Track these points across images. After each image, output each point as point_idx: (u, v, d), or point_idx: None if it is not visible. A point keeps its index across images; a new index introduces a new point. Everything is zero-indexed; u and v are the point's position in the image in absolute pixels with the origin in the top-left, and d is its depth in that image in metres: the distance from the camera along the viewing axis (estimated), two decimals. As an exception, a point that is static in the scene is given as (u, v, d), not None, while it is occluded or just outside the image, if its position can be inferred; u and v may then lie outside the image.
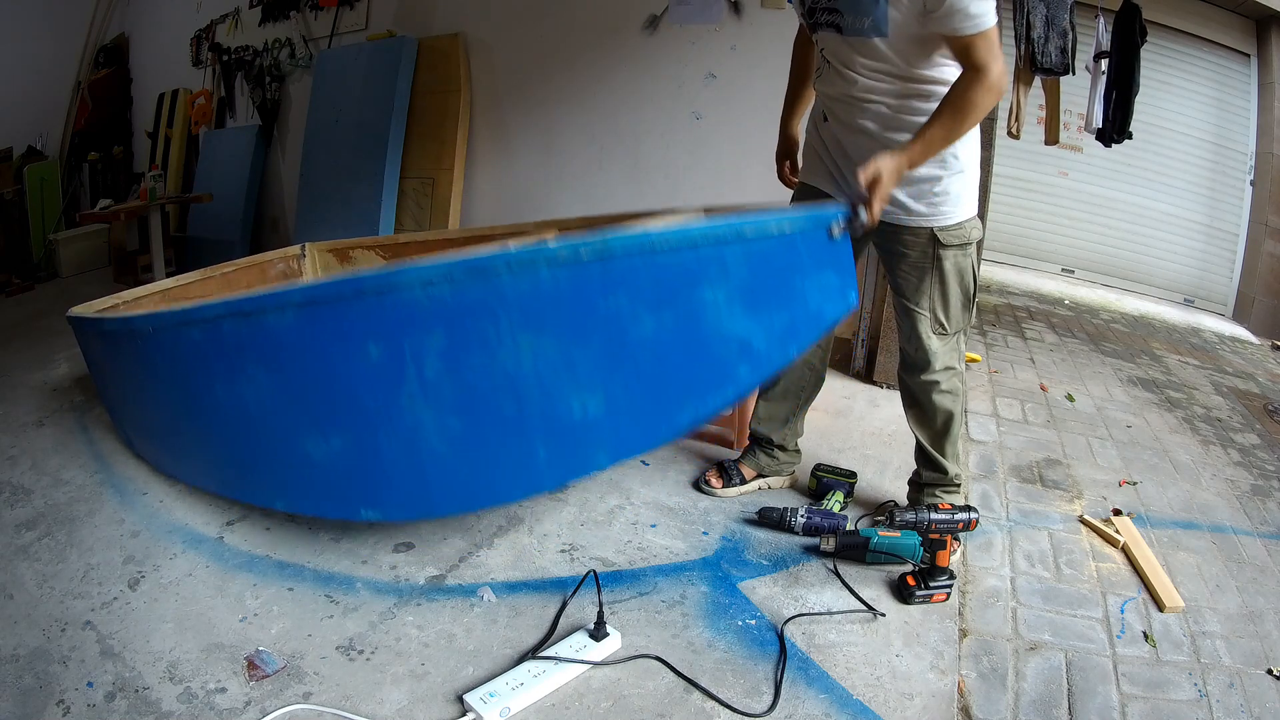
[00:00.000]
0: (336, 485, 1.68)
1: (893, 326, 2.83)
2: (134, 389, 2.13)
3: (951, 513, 1.70)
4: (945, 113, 1.50)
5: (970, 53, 1.45)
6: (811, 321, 1.47)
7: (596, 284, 1.41)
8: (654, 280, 1.41)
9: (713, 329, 1.44)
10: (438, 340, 1.47)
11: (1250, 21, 5.64)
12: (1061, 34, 3.37)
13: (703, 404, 1.50)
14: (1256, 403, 3.47)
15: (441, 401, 1.52)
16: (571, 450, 1.53)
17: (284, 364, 1.63)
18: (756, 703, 1.40)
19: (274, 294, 1.60)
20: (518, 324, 1.44)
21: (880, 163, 1.48)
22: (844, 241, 1.45)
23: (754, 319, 1.44)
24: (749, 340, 1.45)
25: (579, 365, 1.46)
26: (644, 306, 1.42)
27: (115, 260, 4.86)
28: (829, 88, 1.71)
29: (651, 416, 1.50)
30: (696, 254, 1.40)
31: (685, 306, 1.43)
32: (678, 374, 1.47)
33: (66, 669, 1.42)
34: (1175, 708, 1.51)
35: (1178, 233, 5.98)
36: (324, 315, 1.54)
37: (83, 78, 5.87)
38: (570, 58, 3.50)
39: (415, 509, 1.70)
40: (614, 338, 1.44)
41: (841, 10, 1.55)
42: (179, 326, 1.75)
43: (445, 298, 1.44)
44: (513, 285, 1.41)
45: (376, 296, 1.48)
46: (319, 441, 1.63)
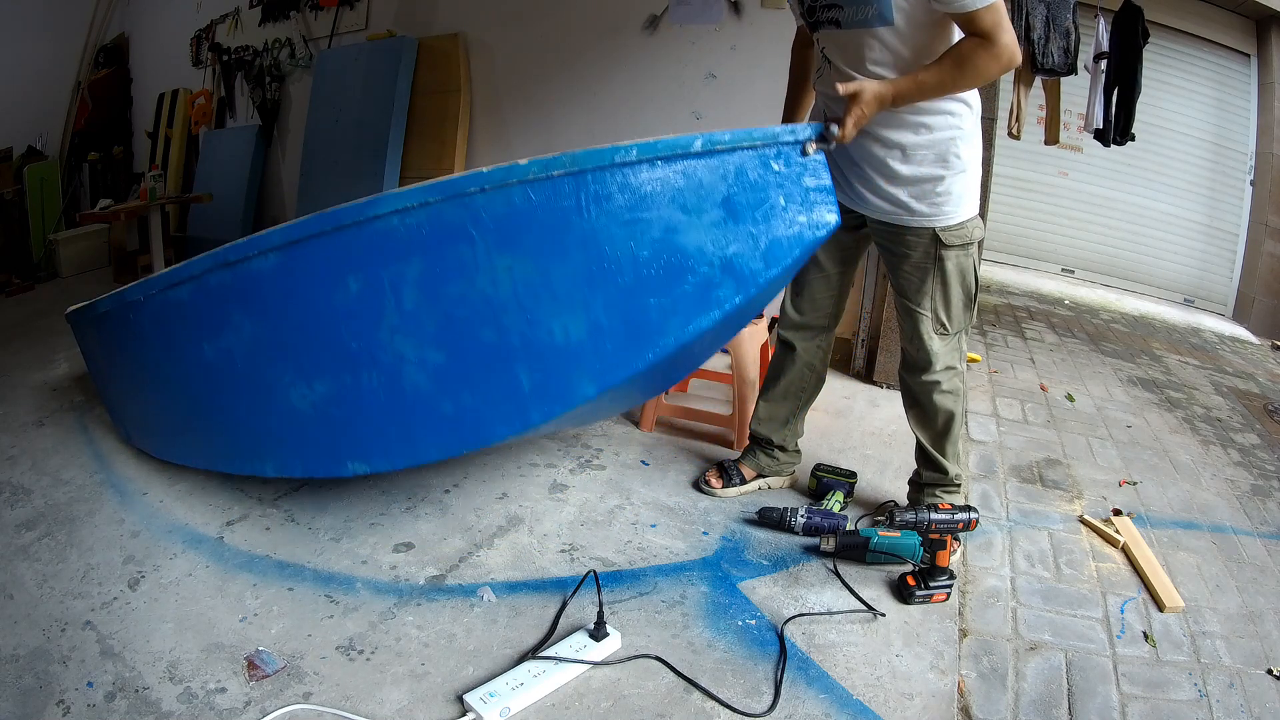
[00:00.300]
0: (322, 438, 1.69)
1: (893, 326, 2.84)
2: (129, 368, 2.14)
3: (951, 513, 1.70)
4: (946, 63, 1.48)
5: (977, 23, 1.44)
6: (793, 240, 1.46)
7: (570, 201, 1.42)
8: (628, 195, 1.42)
9: (691, 245, 1.43)
10: (415, 268, 1.48)
11: (1250, 21, 5.65)
12: (1064, 34, 3.37)
13: (687, 324, 1.47)
14: (1256, 403, 3.48)
15: (422, 333, 1.52)
16: (556, 376, 1.51)
17: (267, 308, 1.65)
18: (756, 703, 1.40)
19: (256, 238, 1.61)
20: (494, 246, 1.44)
21: (864, 82, 1.48)
22: (820, 159, 1.46)
23: (733, 234, 1.44)
24: (730, 258, 1.44)
25: (557, 286, 1.45)
26: (618, 223, 1.42)
27: (115, 260, 4.86)
28: (829, 88, 1.71)
29: (635, 338, 1.48)
30: (670, 167, 1.40)
31: (661, 222, 1.43)
32: (658, 293, 1.45)
33: (66, 669, 1.42)
34: (1175, 708, 1.51)
35: (1178, 233, 5.99)
36: (304, 253, 1.55)
37: (83, 78, 5.88)
38: (570, 58, 3.50)
39: (401, 456, 1.68)
40: (591, 256, 1.44)
41: (841, 3, 1.54)
42: (168, 288, 1.78)
43: (421, 224, 1.45)
44: (487, 206, 1.43)
45: (355, 228, 1.49)
46: (304, 389, 1.64)
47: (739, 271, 1.45)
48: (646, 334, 1.47)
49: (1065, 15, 3.34)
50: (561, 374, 1.50)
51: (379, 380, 1.57)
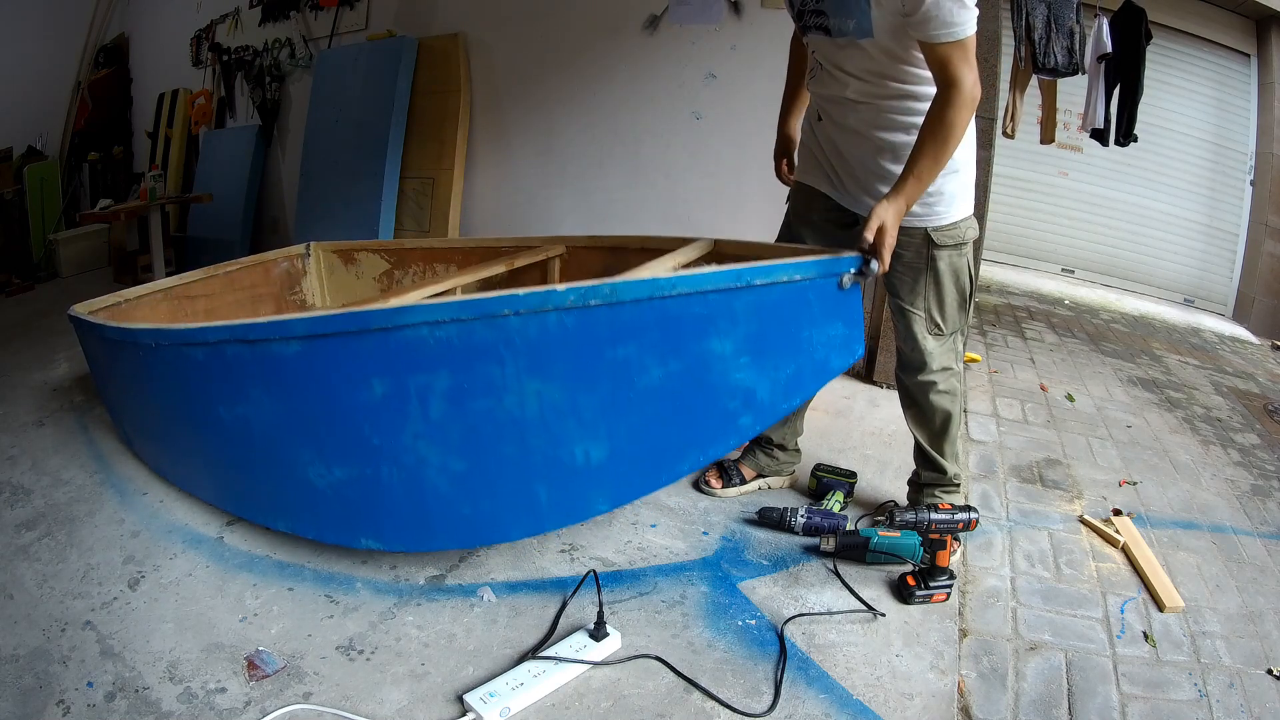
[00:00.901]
0: (338, 514, 1.69)
1: (892, 326, 2.83)
2: (135, 397, 2.12)
3: (951, 513, 1.70)
4: (927, 141, 1.48)
5: (945, 65, 1.43)
6: (817, 372, 1.47)
7: (604, 331, 1.40)
8: (662, 328, 1.40)
9: (718, 379, 1.44)
10: (442, 381, 1.47)
11: (1250, 21, 5.64)
12: (1068, 34, 3.36)
13: (703, 453, 1.51)
14: (1256, 403, 3.47)
15: (446, 441, 1.52)
16: (573, 495, 1.55)
17: (288, 393, 1.63)
18: (756, 703, 1.40)
19: (278, 324, 1.58)
20: (524, 369, 1.43)
21: (881, 212, 1.48)
22: (854, 291, 1.45)
23: (760, 369, 1.44)
24: (753, 390, 1.45)
25: (584, 412, 1.46)
26: (651, 355, 1.42)
27: (115, 260, 4.86)
28: (822, 89, 1.71)
29: (653, 465, 1.52)
30: (706, 302, 1.39)
31: (692, 355, 1.42)
32: (681, 423, 1.48)
33: (66, 669, 1.42)
34: (1175, 708, 1.51)
35: (1178, 233, 5.98)
36: (328, 349, 1.53)
37: (83, 78, 5.87)
38: (570, 58, 3.50)
39: (415, 542, 1.71)
40: (620, 385, 1.44)
41: (828, 12, 1.55)
42: (183, 345, 1.75)
43: (452, 339, 1.43)
44: (520, 330, 1.41)
45: (383, 334, 1.47)
46: (321, 470, 1.63)
47: (760, 403, 1.46)
48: (666, 462, 1.51)
49: (1069, 15, 3.34)
50: (579, 492, 1.54)
51: (399, 477, 1.58)
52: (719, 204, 3.21)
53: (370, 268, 2.84)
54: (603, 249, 2.33)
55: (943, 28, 1.40)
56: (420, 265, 2.72)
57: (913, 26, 1.44)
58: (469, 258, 2.60)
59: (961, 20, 1.40)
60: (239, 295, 2.69)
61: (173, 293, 2.51)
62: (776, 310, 1.42)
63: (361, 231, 3.87)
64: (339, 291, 2.91)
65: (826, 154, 1.77)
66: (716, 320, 1.40)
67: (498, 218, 3.85)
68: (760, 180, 2.02)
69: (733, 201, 3.15)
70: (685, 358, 1.43)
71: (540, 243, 2.45)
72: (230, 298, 2.66)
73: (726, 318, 1.40)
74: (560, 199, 3.65)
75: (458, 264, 2.63)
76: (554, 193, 3.67)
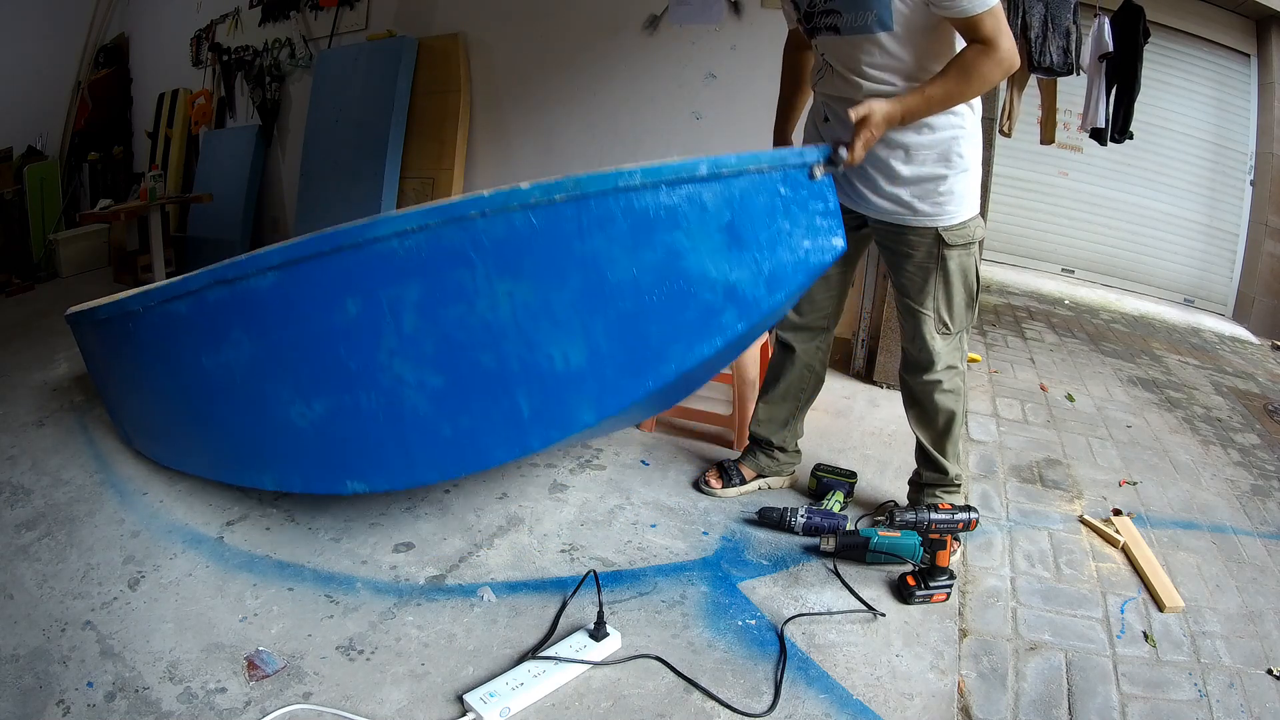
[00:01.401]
0: (321, 456, 1.68)
1: (893, 326, 2.83)
2: (128, 375, 2.13)
3: (951, 513, 1.70)
4: (951, 74, 1.49)
5: (978, 29, 1.44)
6: (798, 265, 1.44)
7: (572, 225, 1.39)
8: (631, 220, 1.39)
9: (695, 271, 1.41)
10: (414, 291, 1.47)
11: (1250, 21, 5.65)
12: (1064, 34, 3.36)
13: (689, 352, 1.46)
14: (1256, 403, 3.47)
15: (421, 356, 1.51)
16: (555, 403, 1.50)
17: (266, 327, 1.63)
18: (756, 703, 1.40)
19: (254, 256, 1.60)
20: (494, 270, 1.43)
21: (873, 103, 1.48)
22: (826, 183, 1.44)
23: (737, 261, 1.41)
24: (733, 284, 1.42)
25: (557, 312, 1.44)
26: (621, 248, 1.40)
27: (115, 260, 4.86)
28: (830, 90, 1.70)
29: (635, 365, 1.47)
30: (674, 192, 1.38)
31: (664, 247, 1.40)
32: (660, 319, 1.44)
33: (66, 669, 1.42)
34: (1175, 708, 1.51)
35: (1178, 233, 5.99)
36: (303, 273, 1.54)
37: (83, 78, 5.87)
38: (570, 58, 3.50)
39: (400, 477, 1.68)
40: (592, 282, 1.42)
41: (840, 10, 1.54)
42: (167, 301, 1.77)
43: (421, 247, 1.44)
44: (487, 230, 1.41)
45: (354, 250, 1.48)
46: (302, 407, 1.63)
47: (742, 298, 1.43)
48: (648, 361, 1.46)
49: (1065, 15, 3.34)
50: (561, 400, 1.50)
51: (378, 402, 1.57)
52: (719, 204, 3.20)
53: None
54: None
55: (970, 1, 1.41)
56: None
57: (940, 7, 1.44)
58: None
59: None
60: (239, 295, 2.69)
61: (172, 292, 2.51)
62: (747, 200, 1.40)
63: (361, 231, 3.87)
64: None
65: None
66: (686, 210, 1.39)
67: (498, 218, 3.85)
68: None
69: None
70: (656, 250, 1.40)
71: None
72: (230, 297, 2.66)
73: (696, 208, 1.39)
74: (560, 199, 3.64)
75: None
76: (554, 193, 3.66)
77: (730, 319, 1.44)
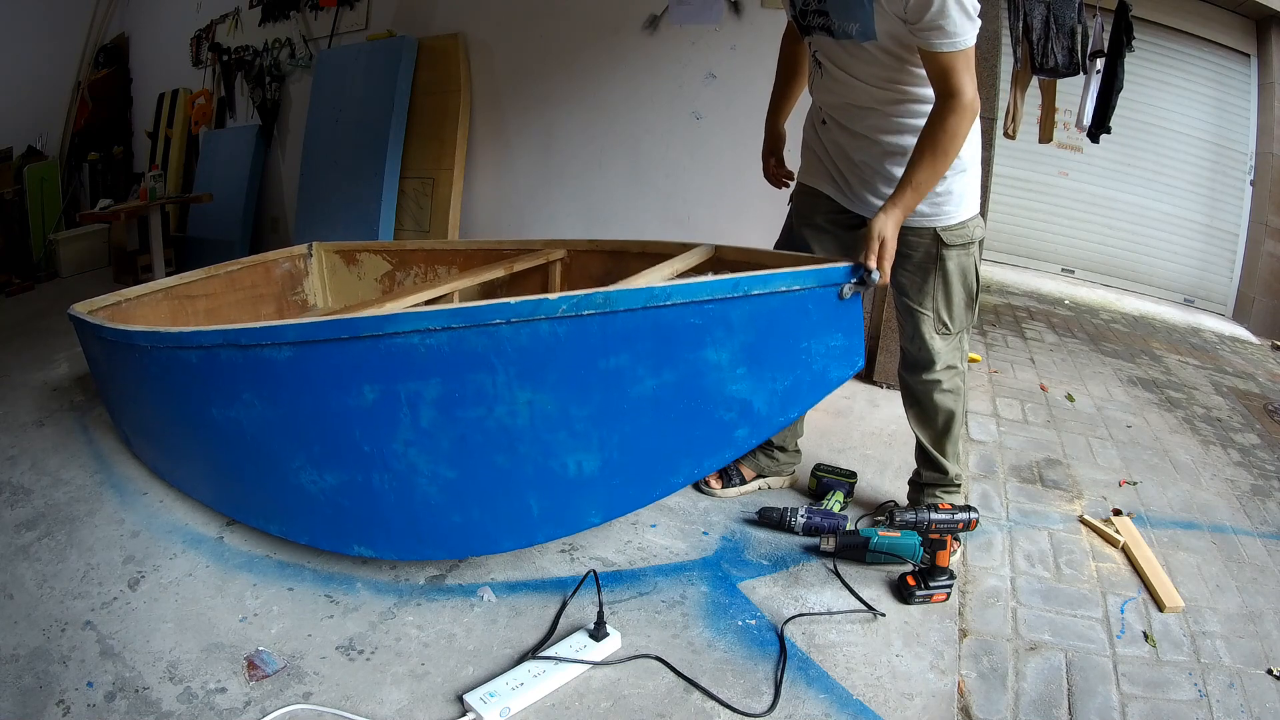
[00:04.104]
0: (330, 520, 1.69)
1: (893, 326, 2.83)
2: (133, 397, 2.12)
3: (951, 513, 1.69)
4: (926, 150, 1.48)
5: (946, 76, 1.43)
6: (815, 383, 1.45)
7: (597, 340, 1.39)
8: (656, 338, 1.39)
9: (714, 390, 1.42)
10: (433, 389, 1.46)
11: (1250, 21, 5.64)
12: (1069, 34, 3.34)
13: (698, 466, 1.50)
14: (1256, 403, 3.47)
15: (436, 450, 1.51)
16: (565, 506, 1.54)
17: (280, 397, 1.62)
18: (756, 703, 1.40)
19: (269, 329, 1.57)
20: (515, 378, 1.42)
21: (880, 226, 1.48)
22: (854, 301, 1.43)
23: (757, 380, 1.42)
24: (750, 401, 1.43)
25: (576, 422, 1.45)
26: (645, 365, 1.40)
27: (115, 260, 4.87)
28: (825, 94, 1.71)
29: (646, 477, 1.50)
30: (702, 311, 1.37)
31: (687, 366, 1.41)
32: (675, 435, 1.46)
33: (66, 669, 1.42)
34: (1175, 708, 1.51)
35: (1178, 233, 5.98)
36: (319, 355, 1.52)
37: (83, 78, 5.87)
38: (570, 58, 3.50)
39: (408, 550, 1.70)
40: (613, 396, 1.43)
41: (830, 13, 1.54)
42: (176, 349, 1.74)
43: (442, 347, 1.42)
44: (511, 339, 1.39)
45: (373, 341, 1.46)
46: (313, 476, 1.63)
47: (756, 415, 1.44)
48: (659, 473, 1.49)
49: (1069, 15, 3.32)
50: (571, 504, 1.53)
51: (390, 484, 1.57)
52: (719, 204, 3.21)
53: (372, 269, 2.84)
54: (603, 253, 2.32)
55: (946, 38, 1.40)
56: (421, 267, 2.73)
57: (915, 34, 1.43)
58: (470, 260, 2.60)
59: (965, 31, 1.40)
60: (240, 295, 2.69)
61: (173, 292, 2.51)
62: (774, 320, 1.40)
63: (361, 231, 3.88)
64: (340, 292, 2.91)
65: (831, 156, 1.77)
66: (712, 330, 1.39)
67: (498, 217, 3.85)
68: (760, 180, 2.02)
69: (732, 202, 3.15)
70: (680, 368, 1.41)
71: (541, 246, 2.45)
72: (231, 298, 2.66)
73: (722, 328, 1.39)
74: (560, 199, 3.65)
75: (459, 266, 2.63)
76: (554, 193, 3.67)
77: (742, 435, 1.46)
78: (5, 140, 5.54)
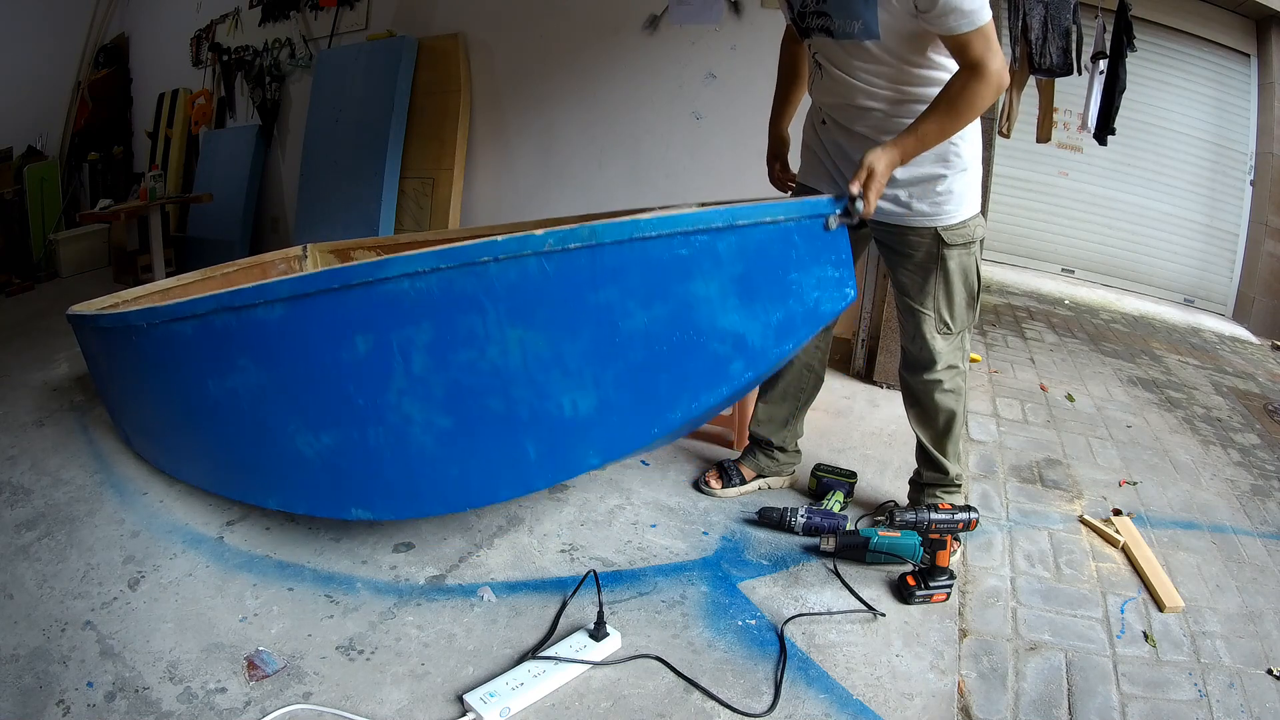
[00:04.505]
0: (327, 483, 1.68)
1: (893, 326, 2.83)
2: (131, 385, 2.12)
3: (951, 513, 1.69)
4: (941, 107, 1.48)
5: (967, 50, 1.43)
6: (808, 316, 1.44)
7: (585, 275, 1.38)
8: (645, 271, 1.38)
9: (706, 322, 1.41)
10: (425, 334, 1.46)
11: (1250, 21, 5.64)
12: (1064, 34, 3.35)
13: (696, 401, 1.47)
14: (1256, 403, 3.47)
15: (430, 397, 1.50)
16: (562, 449, 1.51)
17: (274, 358, 1.62)
18: (756, 703, 1.40)
19: (262, 287, 1.58)
20: (505, 317, 1.42)
21: (872, 157, 1.47)
22: (840, 233, 1.43)
23: (748, 312, 1.41)
24: (743, 335, 1.42)
25: (568, 360, 1.44)
26: (634, 298, 1.40)
27: (115, 260, 4.86)
28: (825, 95, 1.71)
29: (643, 414, 1.48)
30: (688, 243, 1.37)
31: (677, 298, 1.40)
32: (670, 369, 1.44)
33: (66, 669, 1.42)
34: (1175, 708, 1.51)
35: (1178, 233, 5.99)
36: (311, 308, 1.53)
37: (83, 78, 5.87)
38: (570, 58, 3.50)
39: (405, 508, 1.69)
40: (604, 332, 1.42)
41: (830, 14, 1.54)
42: (172, 322, 1.75)
43: (432, 290, 1.42)
44: (500, 277, 1.39)
45: (363, 289, 1.46)
46: (309, 438, 1.63)
47: (751, 348, 1.43)
48: (655, 410, 1.47)
49: (1065, 15, 3.34)
50: (568, 446, 1.51)
51: (385, 438, 1.56)
52: (719, 204, 3.21)
53: (367, 265, 2.84)
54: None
55: (960, 18, 1.40)
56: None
57: (930, 23, 1.43)
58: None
59: (976, 7, 1.40)
60: (238, 295, 2.69)
61: (171, 293, 2.51)
62: (761, 252, 1.40)
63: (361, 231, 3.87)
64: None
65: (831, 156, 1.77)
66: (700, 262, 1.38)
67: (497, 217, 3.85)
68: (761, 181, 2.02)
69: (730, 198, 3.15)
70: (669, 301, 1.40)
71: (532, 226, 2.45)
72: (228, 298, 2.67)
73: (710, 259, 1.38)
74: (560, 199, 3.65)
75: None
76: (554, 193, 3.67)
77: (738, 369, 1.45)
78: (5, 140, 5.54)
